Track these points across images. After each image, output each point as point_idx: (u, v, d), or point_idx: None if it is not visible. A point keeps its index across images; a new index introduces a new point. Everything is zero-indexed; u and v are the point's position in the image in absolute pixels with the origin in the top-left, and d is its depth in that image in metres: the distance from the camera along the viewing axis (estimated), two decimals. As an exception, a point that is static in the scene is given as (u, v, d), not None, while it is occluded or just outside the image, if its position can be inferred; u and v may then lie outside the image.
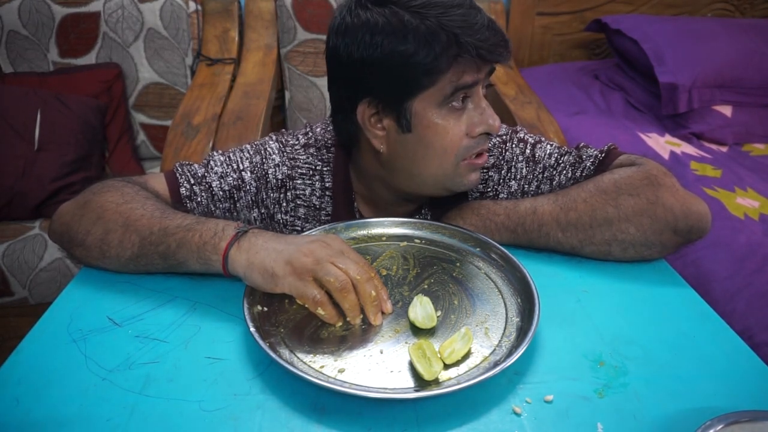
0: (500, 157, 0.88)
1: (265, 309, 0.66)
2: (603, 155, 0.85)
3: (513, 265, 0.73)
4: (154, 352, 0.62)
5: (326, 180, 0.87)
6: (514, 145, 0.88)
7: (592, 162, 0.84)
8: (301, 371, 0.56)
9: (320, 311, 0.64)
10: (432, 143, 0.76)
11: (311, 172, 0.87)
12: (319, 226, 0.86)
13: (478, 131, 0.75)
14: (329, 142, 0.88)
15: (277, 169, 0.85)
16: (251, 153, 0.85)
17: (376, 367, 0.59)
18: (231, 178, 0.83)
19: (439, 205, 0.89)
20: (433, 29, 0.70)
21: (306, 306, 0.65)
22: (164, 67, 1.84)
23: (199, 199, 0.81)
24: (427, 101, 0.74)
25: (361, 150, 0.84)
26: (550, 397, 0.57)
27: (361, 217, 0.89)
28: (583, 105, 1.97)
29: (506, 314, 0.67)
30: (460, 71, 0.72)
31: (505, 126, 0.92)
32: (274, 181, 0.85)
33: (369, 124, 0.78)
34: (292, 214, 0.87)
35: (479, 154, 0.79)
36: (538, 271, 0.72)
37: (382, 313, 0.66)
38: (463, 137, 0.76)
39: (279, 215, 0.87)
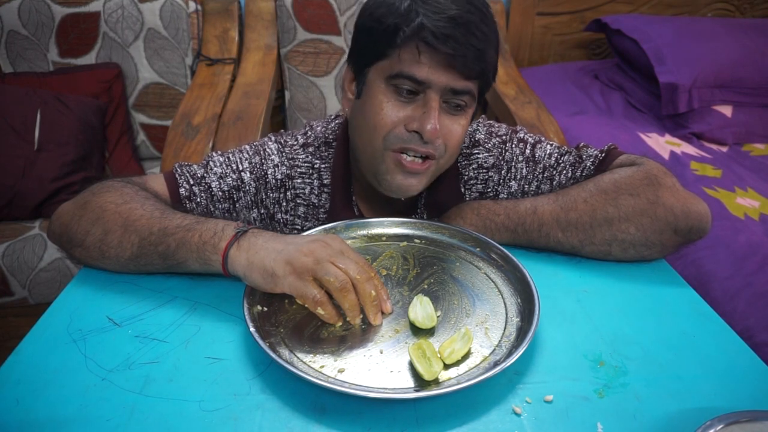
0: (500, 158, 0.88)
1: (265, 309, 0.66)
2: (603, 155, 0.85)
3: (513, 265, 0.73)
4: (154, 352, 0.62)
5: (324, 177, 0.87)
6: (513, 146, 0.88)
7: (592, 162, 0.84)
8: (301, 371, 0.56)
9: (320, 311, 0.64)
10: (367, 114, 0.76)
11: (310, 171, 0.87)
12: (318, 224, 0.86)
13: (412, 127, 0.74)
14: (330, 137, 0.88)
15: (276, 169, 0.85)
16: (250, 154, 0.85)
17: (376, 367, 0.59)
18: (230, 179, 0.83)
19: (435, 205, 0.89)
20: (408, 3, 0.71)
21: (306, 306, 0.65)
22: (164, 67, 1.84)
23: (198, 199, 0.81)
24: (378, 73, 0.75)
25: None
26: (550, 397, 0.57)
27: (359, 212, 0.89)
28: (583, 105, 1.97)
29: (506, 314, 0.67)
30: (413, 59, 0.72)
31: (504, 126, 0.92)
32: (274, 181, 0.85)
33: (346, 86, 0.82)
34: (292, 213, 0.88)
35: (409, 154, 0.76)
36: (538, 271, 0.72)
37: (382, 313, 0.66)
38: (397, 123, 0.75)
39: (279, 215, 0.87)
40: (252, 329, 0.61)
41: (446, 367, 0.59)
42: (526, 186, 0.87)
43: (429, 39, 0.70)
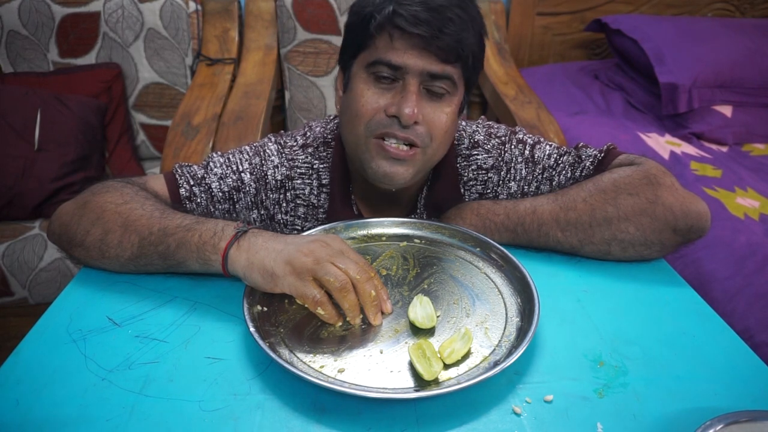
0: (499, 159, 0.88)
1: (265, 309, 0.66)
2: (602, 155, 0.85)
3: (513, 265, 0.73)
4: (154, 352, 0.62)
5: (323, 177, 0.87)
6: (513, 146, 0.88)
7: (591, 162, 0.84)
8: (301, 371, 0.56)
9: (320, 311, 0.64)
10: (350, 104, 0.78)
11: (309, 171, 0.87)
12: (318, 224, 0.86)
13: (391, 111, 0.74)
14: (329, 137, 0.88)
15: (276, 170, 0.85)
16: (250, 154, 0.85)
17: (376, 367, 0.59)
18: (230, 180, 0.83)
19: (434, 205, 0.89)
20: None
21: (306, 306, 0.65)
22: (164, 67, 1.84)
23: (198, 200, 0.81)
24: (360, 64, 0.77)
25: None
26: (550, 397, 0.57)
27: (358, 211, 0.89)
28: (583, 105, 1.97)
29: (506, 314, 0.67)
30: (387, 45, 0.73)
31: (504, 127, 0.92)
32: (274, 182, 0.85)
33: (338, 85, 0.85)
34: (292, 214, 0.88)
35: (391, 141, 0.75)
36: (538, 271, 0.72)
37: (382, 313, 0.66)
38: (377, 110, 0.75)
39: (279, 215, 0.87)
40: (252, 329, 0.61)
41: (446, 367, 0.59)
42: (526, 187, 0.87)
43: (401, 23, 0.71)
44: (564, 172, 0.85)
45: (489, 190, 0.89)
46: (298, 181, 0.86)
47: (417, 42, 0.72)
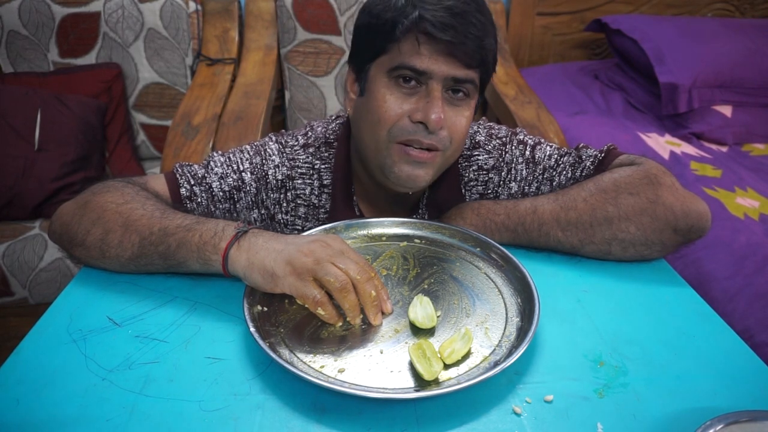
0: (500, 159, 0.88)
1: (265, 309, 0.66)
2: (602, 155, 0.85)
3: (513, 265, 0.73)
4: (154, 352, 0.62)
5: (324, 178, 0.87)
6: (513, 147, 0.88)
7: (591, 162, 0.84)
8: (301, 371, 0.56)
9: (320, 311, 0.64)
10: (371, 109, 0.77)
11: (310, 171, 0.87)
12: (319, 224, 0.86)
13: (416, 117, 0.74)
14: (331, 138, 0.88)
15: (276, 169, 0.85)
16: (251, 154, 0.85)
17: (376, 367, 0.59)
18: (231, 179, 0.83)
19: (436, 206, 0.89)
20: None
21: (306, 306, 0.65)
22: (164, 67, 1.84)
23: (199, 199, 0.81)
24: (380, 67, 0.76)
25: None
26: (550, 397, 0.57)
27: (360, 212, 0.89)
28: (583, 105, 1.97)
29: (506, 314, 0.67)
30: (413, 50, 0.73)
31: (504, 128, 0.92)
32: (274, 181, 0.85)
33: (348, 87, 0.83)
34: (293, 213, 0.88)
35: (414, 146, 0.75)
36: (538, 271, 0.72)
37: (382, 313, 0.66)
38: (401, 115, 0.75)
39: (279, 215, 0.87)
40: (252, 329, 0.61)
41: (446, 367, 0.59)
42: (526, 187, 0.87)
43: (428, 29, 0.71)
44: (564, 172, 0.85)
45: (490, 191, 0.89)
46: (299, 181, 0.86)
47: (443, 48, 0.72)
